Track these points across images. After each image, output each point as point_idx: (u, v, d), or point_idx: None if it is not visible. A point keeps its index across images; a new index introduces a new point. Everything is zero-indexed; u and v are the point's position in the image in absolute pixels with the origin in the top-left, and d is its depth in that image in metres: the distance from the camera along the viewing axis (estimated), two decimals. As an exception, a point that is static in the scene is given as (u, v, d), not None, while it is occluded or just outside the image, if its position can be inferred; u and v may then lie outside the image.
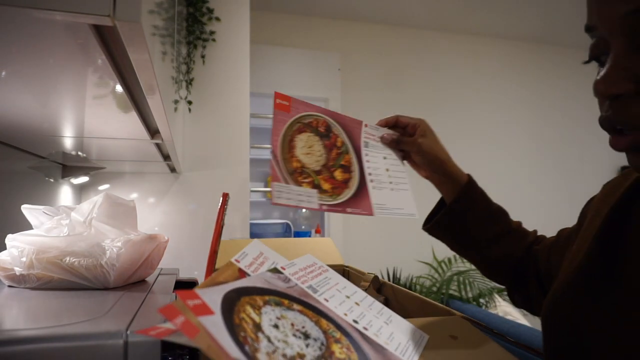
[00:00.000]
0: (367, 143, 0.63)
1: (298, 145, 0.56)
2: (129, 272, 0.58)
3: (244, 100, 1.72)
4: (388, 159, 0.65)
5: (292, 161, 0.55)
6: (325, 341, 0.34)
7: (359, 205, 0.58)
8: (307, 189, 0.54)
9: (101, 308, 0.44)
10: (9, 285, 0.55)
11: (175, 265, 0.78)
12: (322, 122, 0.60)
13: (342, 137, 0.61)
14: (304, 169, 0.55)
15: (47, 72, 0.46)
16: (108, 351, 0.35)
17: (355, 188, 0.59)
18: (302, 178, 0.54)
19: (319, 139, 0.58)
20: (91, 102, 0.58)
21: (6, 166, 0.89)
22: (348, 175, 0.59)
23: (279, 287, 0.39)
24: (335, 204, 0.56)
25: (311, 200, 0.54)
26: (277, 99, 0.56)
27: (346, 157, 0.60)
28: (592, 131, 3.03)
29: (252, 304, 0.33)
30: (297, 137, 0.56)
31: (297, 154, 0.55)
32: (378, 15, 2.76)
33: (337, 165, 0.59)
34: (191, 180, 1.63)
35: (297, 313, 0.36)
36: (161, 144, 0.89)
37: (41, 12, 0.31)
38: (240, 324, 0.29)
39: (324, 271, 0.48)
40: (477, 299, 2.33)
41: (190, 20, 1.62)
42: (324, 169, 0.57)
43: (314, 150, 0.57)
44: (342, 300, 0.43)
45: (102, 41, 0.38)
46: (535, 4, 2.57)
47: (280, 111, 0.56)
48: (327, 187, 0.56)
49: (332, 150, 0.59)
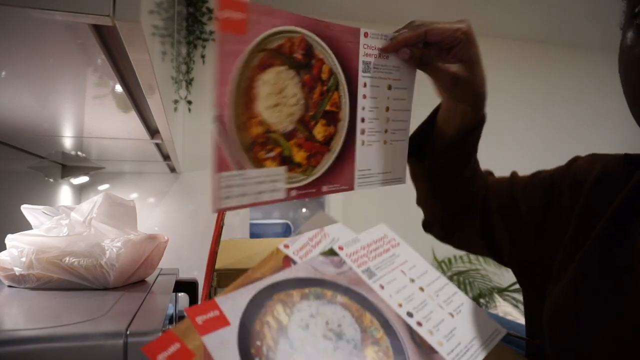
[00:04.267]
0: (367, 64, 0.43)
1: (261, 93, 0.36)
2: (129, 272, 0.58)
3: (243, 100, 1.72)
4: (394, 89, 0.45)
5: (250, 125, 0.36)
6: (360, 343, 0.31)
7: (339, 177, 0.42)
8: (270, 169, 0.37)
9: (101, 308, 0.44)
10: (9, 285, 0.55)
11: (175, 265, 0.78)
12: (298, 43, 0.38)
13: (329, 63, 0.40)
14: (268, 134, 0.37)
15: (47, 72, 0.46)
16: (108, 351, 0.35)
17: (339, 149, 0.41)
18: (265, 152, 0.37)
19: (295, 73, 0.38)
20: (91, 102, 0.58)
21: (6, 166, 0.89)
22: (332, 129, 0.41)
23: (326, 275, 0.35)
24: (308, 184, 0.40)
25: (275, 187, 0.38)
26: (224, 10, 0.33)
27: (334, 96, 0.40)
28: (599, 131, 3.03)
29: (286, 300, 0.31)
30: (259, 79, 0.36)
31: (260, 109, 0.36)
32: (378, 15, 2.76)
33: (319, 114, 0.40)
34: (191, 180, 1.63)
35: (337, 307, 0.33)
36: (161, 144, 0.89)
37: (41, 12, 0.31)
38: (261, 330, 0.28)
39: (393, 246, 0.41)
40: (477, 299, 2.33)
41: (190, 20, 1.62)
42: (299, 127, 0.38)
43: (285, 95, 0.38)
44: (403, 285, 0.37)
45: (102, 41, 0.38)
46: (539, 4, 2.57)
47: (229, 34, 0.33)
48: (300, 158, 0.39)
49: (315, 90, 0.39)
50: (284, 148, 0.38)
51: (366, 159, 0.44)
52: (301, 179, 0.39)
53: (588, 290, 0.40)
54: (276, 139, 0.37)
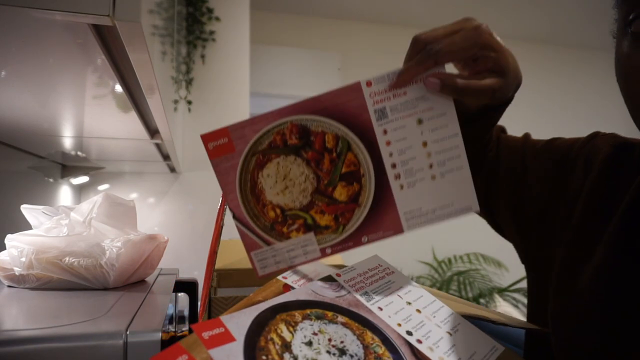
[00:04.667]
0: (382, 111, 0.40)
1: (266, 185, 0.40)
2: (129, 272, 0.58)
3: (243, 100, 1.72)
4: (427, 120, 0.40)
5: (266, 212, 0.40)
6: (363, 358, 0.31)
7: (380, 225, 0.41)
8: (298, 238, 0.40)
9: (101, 308, 0.44)
10: (9, 286, 0.55)
11: (175, 265, 0.78)
12: (290, 130, 0.40)
13: (332, 130, 0.40)
14: (285, 213, 0.40)
15: (47, 72, 0.46)
16: (108, 351, 0.35)
17: (371, 200, 0.41)
18: (287, 227, 0.40)
19: (295, 157, 0.40)
20: (91, 102, 0.58)
21: (6, 166, 0.89)
22: (355, 187, 0.41)
23: (325, 298, 0.36)
24: (343, 239, 0.41)
25: (309, 250, 0.41)
26: (209, 143, 0.39)
27: (348, 156, 0.40)
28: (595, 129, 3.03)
29: (288, 320, 0.32)
30: (260, 175, 0.40)
31: (269, 198, 0.40)
32: (378, 15, 2.76)
33: (334, 180, 0.40)
34: (191, 180, 1.63)
35: (339, 326, 0.33)
36: (161, 143, 0.89)
37: (41, 12, 0.31)
38: (265, 346, 0.29)
39: (387, 274, 0.42)
40: (477, 299, 2.33)
41: (190, 20, 1.62)
42: (316, 196, 0.40)
43: (292, 178, 0.40)
44: (401, 307, 0.38)
45: (102, 41, 0.38)
46: (539, 4, 2.57)
47: (221, 157, 0.39)
48: (326, 222, 0.41)
49: (323, 161, 0.40)
50: (305, 218, 0.41)
51: (411, 200, 0.41)
52: (333, 237, 0.41)
53: (618, 277, 0.37)
54: (295, 214, 0.41)
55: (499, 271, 2.45)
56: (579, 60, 3.14)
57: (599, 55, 3.08)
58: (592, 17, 2.62)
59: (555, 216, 0.45)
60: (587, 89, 3.11)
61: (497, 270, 2.45)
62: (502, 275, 2.42)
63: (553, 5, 2.56)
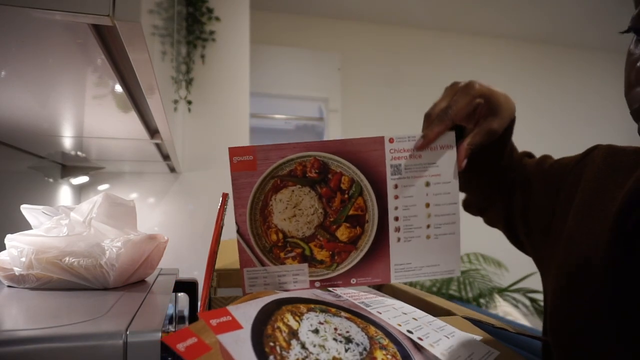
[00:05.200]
0: (397, 167, 0.44)
1: (276, 209, 0.42)
2: (129, 272, 0.58)
3: (243, 100, 1.72)
4: (434, 184, 0.45)
5: (269, 234, 0.42)
6: (369, 346, 0.32)
7: (370, 271, 0.44)
8: (292, 266, 0.42)
9: (101, 308, 0.44)
10: (9, 286, 0.55)
11: (175, 265, 0.78)
12: (312, 163, 0.42)
13: (349, 174, 0.43)
14: (286, 240, 0.42)
15: (47, 72, 0.46)
16: (107, 351, 0.34)
17: (368, 247, 0.43)
18: (285, 252, 0.42)
19: (309, 189, 0.42)
20: (91, 102, 0.58)
21: (5, 166, 0.89)
22: (358, 231, 0.43)
23: (327, 299, 0.37)
24: (334, 277, 0.43)
25: (299, 279, 0.42)
26: (234, 157, 0.41)
27: (358, 201, 0.43)
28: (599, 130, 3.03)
29: (294, 311, 0.33)
30: (273, 198, 0.42)
31: (276, 221, 0.42)
32: (378, 15, 2.76)
33: (340, 219, 0.43)
34: (191, 180, 1.63)
35: (343, 319, 0.34)
36: (161, 143, 0.89)
37: (41, 12, 0.31)
38: (272, 333, 0.29)
39: (380, 296, 0.44)
40: (477, 299, 2.33)
41: (190, 20, 1.62)
42: (319, 231, 0.42)
43: (302, 208, 0.42)
44: (398, 314, 0.39)
45: (102, 41, 0.38)
46: (539, 4, 2.57)
47: (241, 172, 0.41)
48: (322, 257, 0.43)
49: (334, 199, 0.43)
50: (304, 248, 0.42)
51: (404, 254, 0.45)
52: (325, 273, 0.43)
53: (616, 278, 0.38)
54: (295, 242, 0.42)
55: (499, 271, 2.45)
56: (579, 60, 3.14)
57: (599, 55, 3.08)
58: (593, 18, 2.62)
59: (556, 227, 0.47)
60: (588, 89, 3.11)
61: (497, 270, 2.45)
62: (502, 275, 2.42)
63: (553, 5, 2.56)
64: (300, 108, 2.62)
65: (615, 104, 2.97)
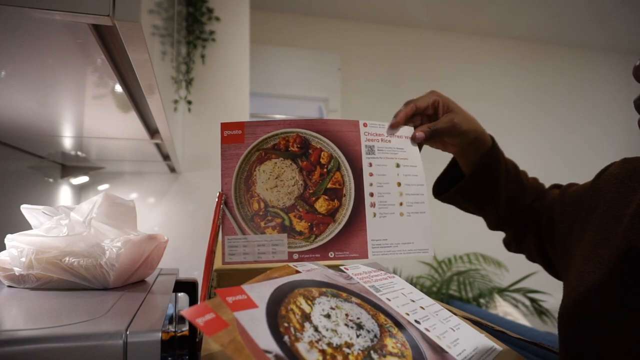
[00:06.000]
0: (371, 148, 0.48)
1: (259, 179, 0.45)
2: (129, 272, 0.58)
3: (243, 100, 1.72)
4: (403, 166, 0.49)
5: (251, 203, 0.44)
6: (379, 334, 0.33)
7: (348, 245, 0.45)
8: (271, 235, 0.44)
9: (101, 308, 0.44)
10: (9, 286, 0.55)
11: (175, 265, 0.78)
12: (294, 139, 0.46)
13: (328, 150, 0.46)
14: (267, 209, 0.44)
15: (47, 72, 0.46)
16: (107, 351, 0.34)
17: (346, 220, 0.45)
18: (265, 222, 0.44)
19: (291, 162, 0.45)
20: (90, 102, 0.58)
21: (6, 166, 0.89)
22: (336, 203, 0.46)
23: (339, 282, 0.39)
24: (312, 249, 0.44)
25: (277, 250, 0.43)
26: (225, 130, 0.46)
27: (335, 175, 0.46)
28: (600, 130, 3.03)
29: (306, 295, 0.34)
30: (257, 169, 0.45)
31: (258, 191, 0.44)
32: (378, 15, 2.76)
33: (319, 191, 0.45)
34: (191, 180, 1.63)
35: (354, 305, 0.35)
36: (161, 144, 0.89)
37: (40, 12, 0.31)
38: (286, 315, 0.30)
39: (389, 277, 0.45)
40: (477, 299, 2.33)
41: (190, 20, 1.62)
42: (299, 202, 0.45)
43: (283, 179, 0.45)
44: (406, 302, 0.40)
45: (102, 41, 0.38)
46: (541, 4, 2.57)
47: (230, 145, 0.45)
48: (301, 228, 0.44)
49: (314, 172, 0.46)
50: (284, 218, 0.44)
51: (380, 230, 0.46)
52: (304, 244, 0.44)
53: (613, 296, 0.40)
54: (275, 212, 0.44)
55: (499, 271, 2.45)
56: (580, 60, 3.14)
57: (600, 55, 3.08)
58: (595, 18, 2.62)
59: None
60: (589, 89, 3.11)
61: (497, 270, 2.45)
62: (502, 275, 2.42)
63: (553, 5, 2.56)
64: (300, 108, 2.62)
65: (616, 103, 2.97)
